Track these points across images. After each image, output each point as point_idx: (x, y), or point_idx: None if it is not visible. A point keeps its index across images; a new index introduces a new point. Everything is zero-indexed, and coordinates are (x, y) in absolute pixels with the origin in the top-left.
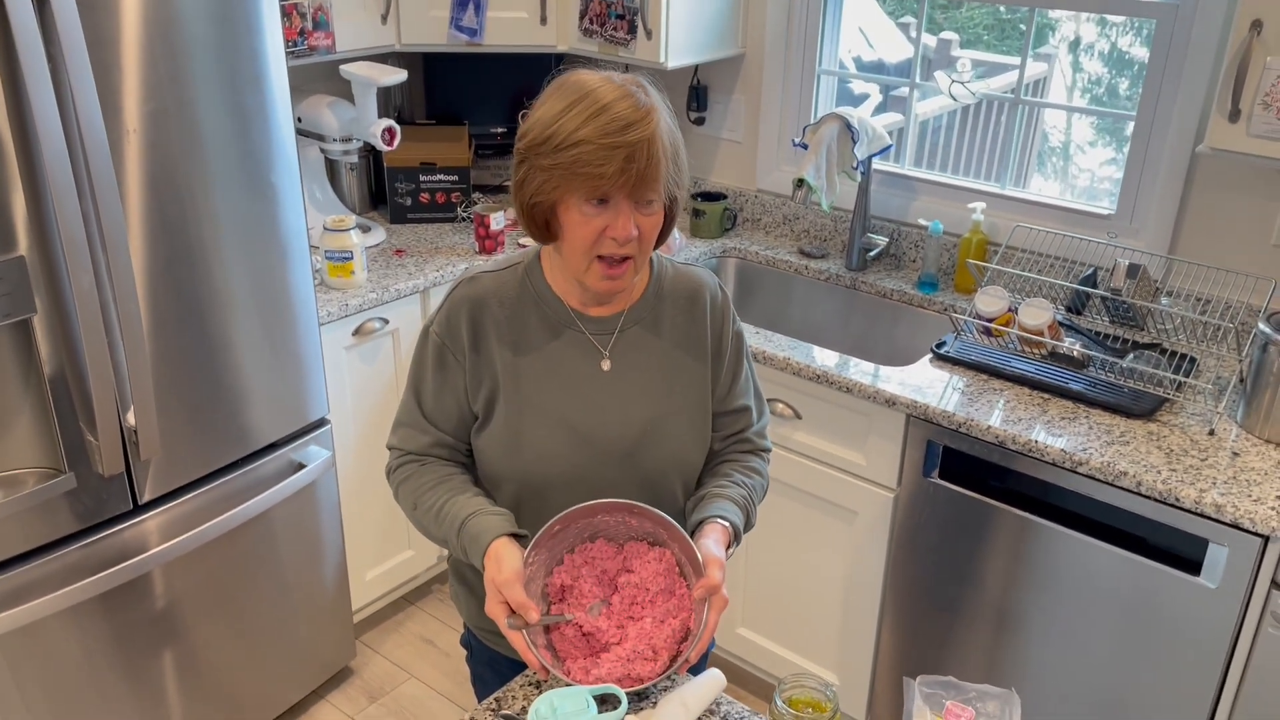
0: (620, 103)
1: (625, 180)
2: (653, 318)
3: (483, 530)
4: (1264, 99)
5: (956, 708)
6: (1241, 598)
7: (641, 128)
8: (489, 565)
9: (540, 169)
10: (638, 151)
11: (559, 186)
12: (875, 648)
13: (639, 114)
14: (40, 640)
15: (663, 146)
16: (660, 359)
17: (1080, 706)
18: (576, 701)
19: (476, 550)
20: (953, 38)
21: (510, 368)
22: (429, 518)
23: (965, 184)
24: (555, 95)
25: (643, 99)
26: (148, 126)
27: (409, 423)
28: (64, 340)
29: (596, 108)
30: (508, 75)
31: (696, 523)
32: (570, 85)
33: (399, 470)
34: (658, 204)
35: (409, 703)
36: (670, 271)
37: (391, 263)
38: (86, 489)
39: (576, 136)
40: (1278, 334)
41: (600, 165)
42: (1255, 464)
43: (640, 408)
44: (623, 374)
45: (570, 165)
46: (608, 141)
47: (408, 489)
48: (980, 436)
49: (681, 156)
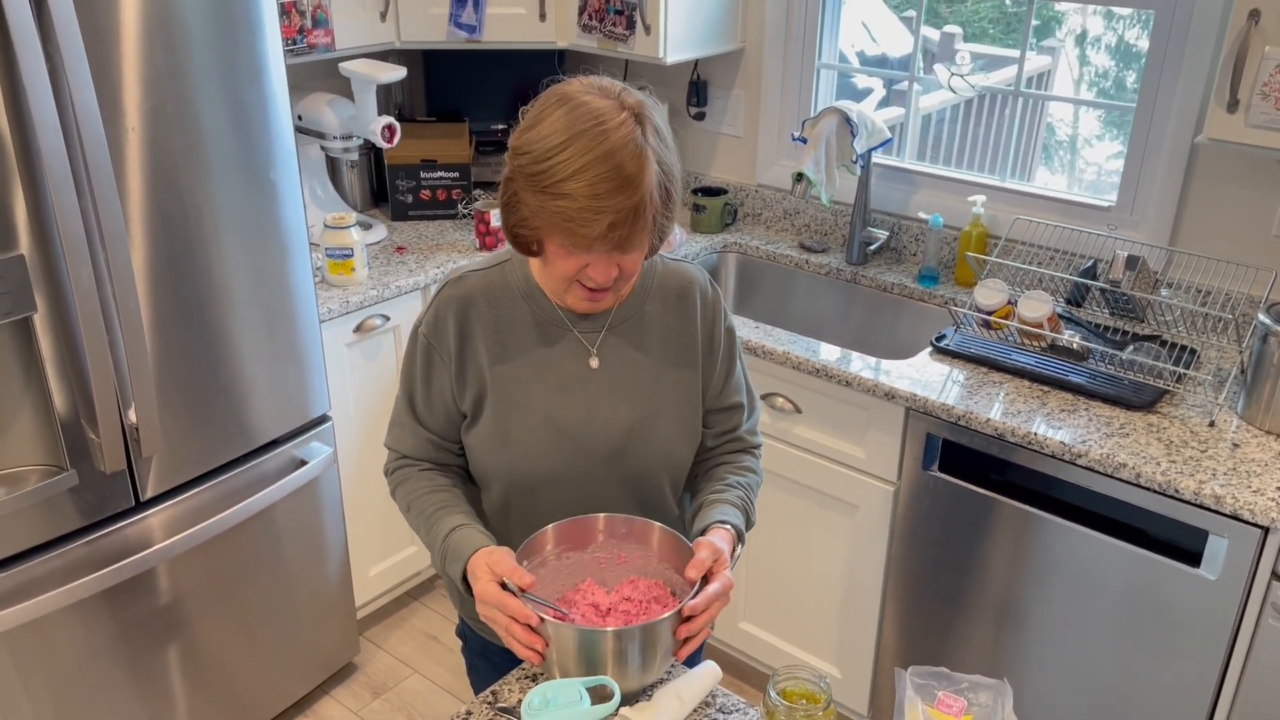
0: (621, 151)
1: (607, 243)
2: (641, 315)
3: (468, 540)
4: (1262, 89)
5: (949, 698)
6: (1242, 589)
7: (632, 191)
8: (479, 559)
9: (527, 203)
10: (622, 218)
11: (542, 227)
12: (877, 641)
13: (635, 167)
14: (44, 636)
15: (651, 205)
16: (649, 356)
17: (1081, 698)
18: (570, 693)
19: (458, 558)
20: (956, 31)
21: (498, 367)
22: (419, 522)
23: (965, 177)
24: (555, 115)
25: (640, 141)
26: (146, 124)
27: (401, 423)
28: (65, 338)
29: (595, 155)
30: (507, 71)
31: (699, 531)
32: (572, 107)
33: (396, 473)
34: (642, 249)
35: (413, 698)
36: (660, 268)
37: (392, 260)
38: (89, 486)
39: (565, 188)
40: (1278, 325)
41: (584, 225)
42: (1255, 455)
43: (628, 406)
44: (611, 372)
45: (555, 213)
46: (594, 204)
47: (403, 492)
48: (980, 429)
49: (674, 197)
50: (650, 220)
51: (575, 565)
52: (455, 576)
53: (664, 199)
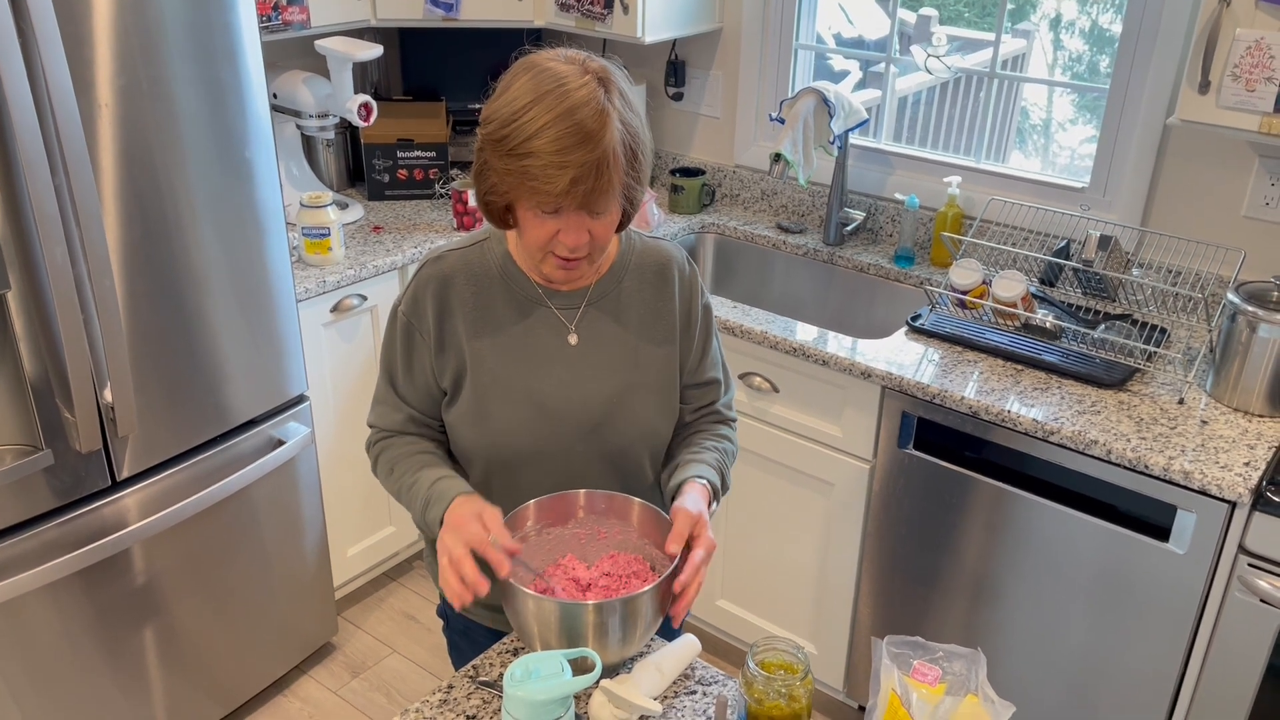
0: (583, 108)
1: (572, 199)
2: (619, 291)
3: (454, 487)
4: (1233, 70)
5: (924, 667)
6: (1209, 563)
7: (593, 145)
8: (466, 503)
9: (494, 168)
10: (585, 173)
11: (510, 190)
12: (852, 617)
13: (596, 123)
14: (19, 617)
15: (615, 161)
16: (627, 333)
17: (1053, 670)
18: (551, 665)
19: (441, 500)
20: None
21: (477, 344)
22: (402, 482)
23: (941, 158)
24: (521, 81)
25: (603, 100)
26: (120, 101)
27: (384, 400)
28: (39, 317)
29: (556, 112)
30: (484, 50)
31: (675, 487)
32: (537, 73)
33: (377, 444)
34: (613, 211)
35: (391, 677)
36: (639, 245)
37: (369, 239)
38: (64, 466)
39: (529, 146)
40: (1246, 304)
41: (548, 182)
42: (1223, 432)
43: (606, 382)
44: (590, 348)
45: (520, 174)
46: (557, 159)
47: (385, 459)
48: (955, 408)
49: (642, 155)
50: (616, 180)
51: (556, 540)
52: (433, 521)
53: (629, 158)
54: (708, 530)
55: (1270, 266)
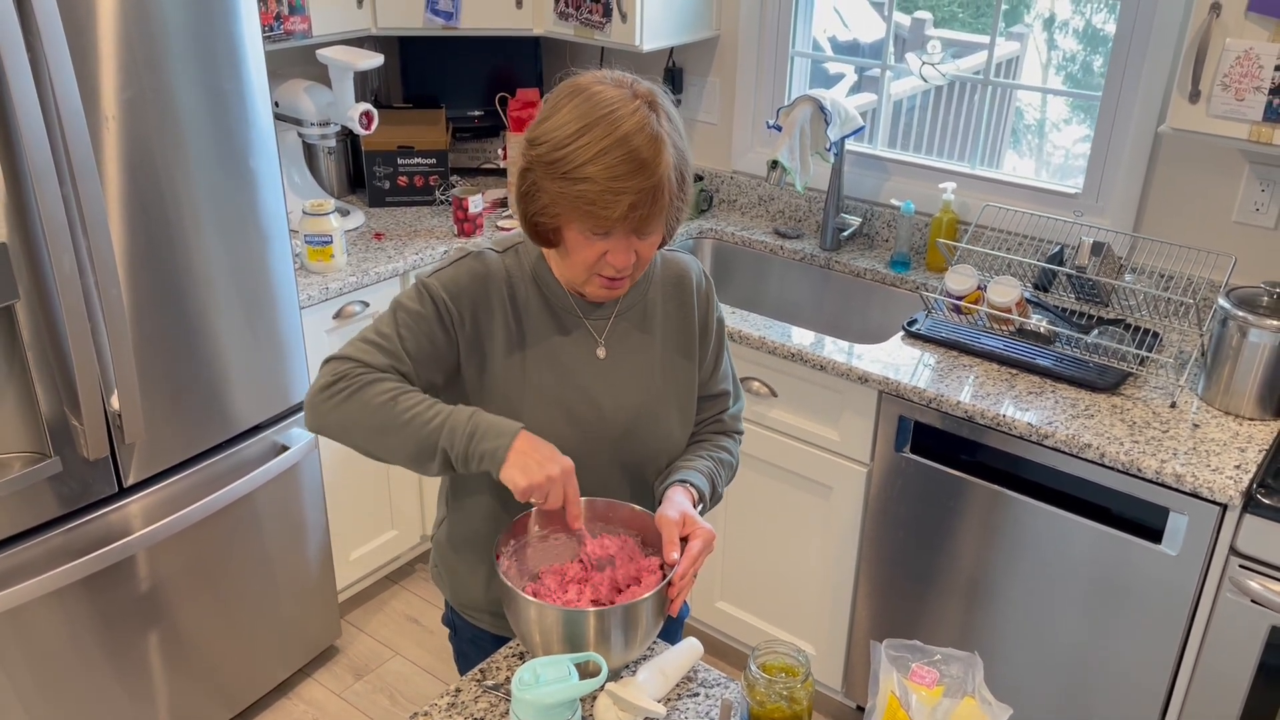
0: (636, 135)
1: (628, 223)
2: (645, 304)
3: (507, 422)
4: (1223, 80)
5: (922, 669)
6: (1201, 564)
7: (650, 172)
8: (538, 443)
9: (546, 191)
10: (642, 199)
11: (562, 214)
12: (850, 619)
13: (651, 150)
14: (26, 624)
15: (668, 187)
16: (654, 344)
17: (1048, 670)
18: (558, 669)
19: (500, 433)
20: (926, 17)
21: (510, 349)
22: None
23: (936, 164)
24: (571, 106)
25: (655, 126)
26: (125, 112)
27: (379, 346)
28: (47, 326)
29: (611, 140)
30: (484, 58)
31: (660, 493)
32: (586, 97)
33: (359, 375)
34: (659, 231)
35: (394, 679)
36: (660, 257)
37: (371, 246)
38: (71, 473)
39: (585, 172)
40: (1237, 309)
41: (605, 208)
42: (1214, 435)
43: (633, 395)
44: (617, 361)
45: (576, 198)
46: (614, 186)
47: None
48: (950, 412)
49: (688, 182)
50: (668, 206)
51: (563, 546)
52: (485, 453)
53: (679, 182)
54: (699, 523)
55: (1261, 272)
